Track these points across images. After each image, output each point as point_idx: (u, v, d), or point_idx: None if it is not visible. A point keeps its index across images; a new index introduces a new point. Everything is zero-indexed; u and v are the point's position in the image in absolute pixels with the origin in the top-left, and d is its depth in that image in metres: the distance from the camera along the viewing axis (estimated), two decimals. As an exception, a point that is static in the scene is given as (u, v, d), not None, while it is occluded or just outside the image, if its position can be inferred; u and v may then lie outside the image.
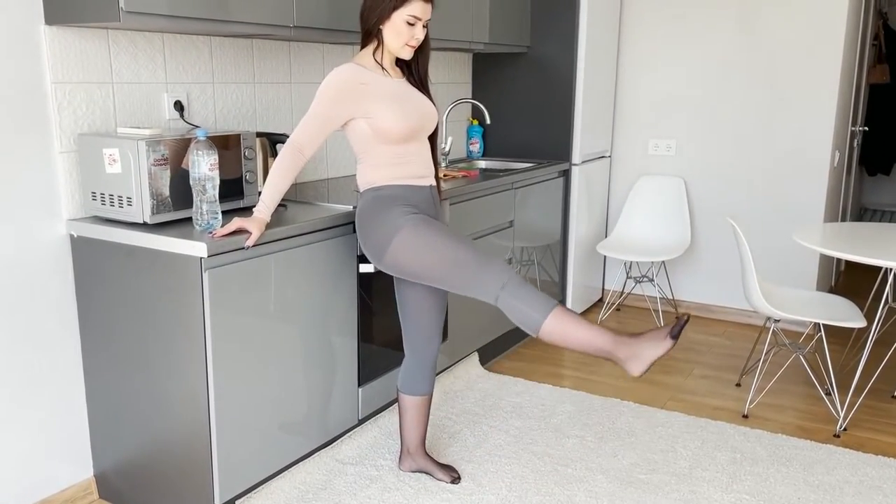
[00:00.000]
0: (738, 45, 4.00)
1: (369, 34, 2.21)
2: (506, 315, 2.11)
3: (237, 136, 2.31)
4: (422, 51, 2.26)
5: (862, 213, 6.83)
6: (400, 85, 2.23)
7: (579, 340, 2.06)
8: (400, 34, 2.15)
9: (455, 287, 2.13)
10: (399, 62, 2.29)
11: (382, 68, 2.21)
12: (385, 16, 2.14)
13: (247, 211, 2.31)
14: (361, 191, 2.27)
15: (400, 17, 2.13)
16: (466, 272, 2.10)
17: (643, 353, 2.03)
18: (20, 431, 2.20)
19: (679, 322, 1.99)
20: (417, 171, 2.25)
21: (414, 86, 2.28)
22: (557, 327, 2.05)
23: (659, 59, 4.22)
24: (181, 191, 2.15)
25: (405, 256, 2.15)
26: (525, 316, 2.07)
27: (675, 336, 2.01)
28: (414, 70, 2.29)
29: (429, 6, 2.17)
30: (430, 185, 2.30)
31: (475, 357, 3.43)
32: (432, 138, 2.35)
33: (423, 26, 2.18)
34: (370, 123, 2.16)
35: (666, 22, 4.16)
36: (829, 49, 3.78)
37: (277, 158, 2.13)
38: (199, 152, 2.04)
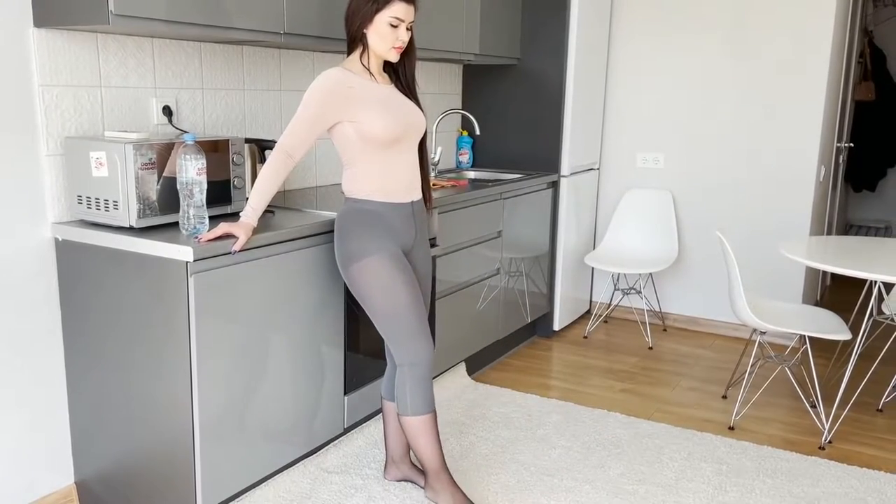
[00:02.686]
0: (726, 60, 4.04)
1: (354, 39, 2.22)
2: (395, 382, 2.32)
3: (225, 142, 2.30)
4: (408, 55, 2.27)
5: (847, 228, 6.88)
6: (388, 90, 2.23)
7: (420, 450, 2.29)
8: (384, 37, 2.16)
9: (381, 331, 2.28)
10: (387, 68, 2.30)
11: (370, 73, 2.22)
12: (368, 19, 2.15)
13: (234, 216, 2.30)
14: (346, 196, 2.27)
15: (382, 19, 2.14)
16: (395, 331, 2.24)
17: (440, 497, 2.32)
18: (0, 437, 2.17)
19: None
20: (402, 181, 2.25)
21: (402, 92, 2.29)
22: (418, 429, 2.27)
23: (648, 73, 4.25)
24: (168, 195, 2.14)
25: (360, 281, 2.22)
26: (404, 398, 2.26)
27: None
28: (401, 75, 2.29)
29: (411, 8, 2.17)
30: (412, 201, 2.30)
31: (462, 367, 3.42)
32: (421, 148, 2.35)
33: (407, 28, 2.19)
34: (356, 128, 2.16)
35: (655, 37, 4.20)
36: (815, 65, 3.83)
37: (266, 163, 2.13)
38: (187, 156, 2.03)
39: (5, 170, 2.09)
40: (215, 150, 2.27)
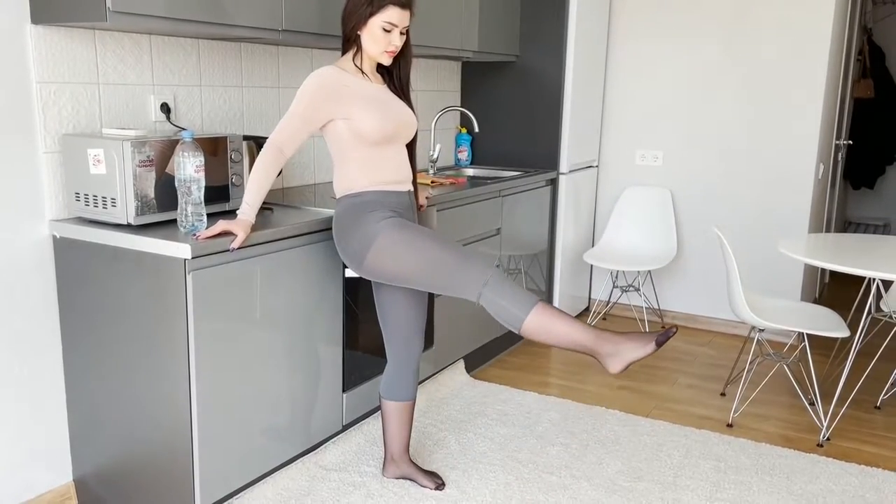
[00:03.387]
0: (725, 57, 4.04)
1: (349, 40, 2.22)
2: (488, 312, 2.10)
3: (224, 139, 2.30)
4: (403, 57, 2.27)
5: (846, 226, 6.89)
6: (380, 90, 2.23)
7: (561, 336, 2.05)
8: (377, 41, 2.16)
9: (437, 287, 2.13)
10: (380, 68, 2.30)
11: (363, 73, 2.22)
12: (362, 22, 2.15)
13: (232, 214, 2.30)
14: (338, 196, 2.27)
15: (376, 23, 2.14)
16: (448, 271, 2.09)
17: (624, 353, 2.04)
18: (-2, 434, 2.17)
19: (667, 331, 2.00)
20: (394, 176, 2.25)
21: (394, 93, 2.29)
22: (539, 323, 2.04)
23: (647, 70, 4.25)
24: (166, 192, 2.14)
25: (385, 261, 2.14)
26: (507, 313, 2.06)
27: (660, 343, 2.02)
28: (395, 77, 2.29)
29: (406, 13, 2.17)
30: (408, 191, 2.30)
31: (461, 364, 3.42)
32: (410, 146, 2.36)
33: (402, 33, 2.19)
34: (349, 125, 2.16)
35: (654, 34, 4.19)
36: (814, 63, 3.83)
37: (257, 159, 2.13)
38: (185, 154, 2.03)
39: (3, 167, 2.08)
40: (213, 148, 2.27)
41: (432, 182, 3.36)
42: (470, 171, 4.03)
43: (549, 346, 2.06)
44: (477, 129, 3.82)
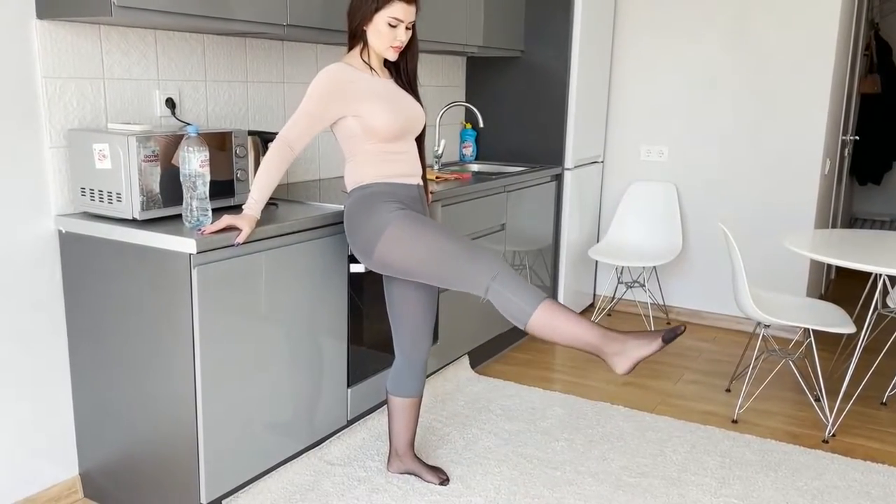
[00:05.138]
0: (730, 52, 4.02)
1: (354, 35, 2.22)
2: (496, 307, 2.09)
3: (229, 134, 2.30)
4: (409, 52, 2.27)
5: (852, 222, 6.86)
6: (388, 85, 2.23)
7: (567, 334, 2.03)
8: (382, 36, 2.16)
9: (446, 281, 2.12)
10: (387, 63, 2.30)
11: (371, 68, 2.22)
12: (367, 17, 2.15)
13: (237, 209, 2.30)
14: (349, 190, 2.27)
15: (381, 18, 2.14)
16: (457, 265, 2.08)
17: (630, 351, 2.00)
18: (4, 429, 2.18)
19: (675, 329, 1.98)
20: (405, 169, 2.26)
21: (402, 87, 2.29)
22: (546, 320, 2.02)
23: (652, 65, 4.23)
24: (171, 187, 2.14)
25: (394, 253, 2.14)
26: (515, 308, 2.04)
27: (667, 340, 1.98)
28: (402, 71, 2.29)
29: (411, 8, 2.17)
30: (418, 184, 2.31)
31: (465, 360, 3.42)
32: (419, 139, 2.36)
33: (407, 28, 2.19)
34: (360, 122, 2.16)
35: (659, 29, 4.18)
36: (820, 58, 3.81)
37: (266, 155, 2.13)
38: (190, 149, 2.03)
39: (8, 162, 2.09)
40: (218, 143, 2.27)
41: (437, 177, 3.36)
42: (475, 167, 4.03)
43: (554, 343, 2.02)
44: (482, 125, 3.81)
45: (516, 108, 4.04)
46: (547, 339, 2.06)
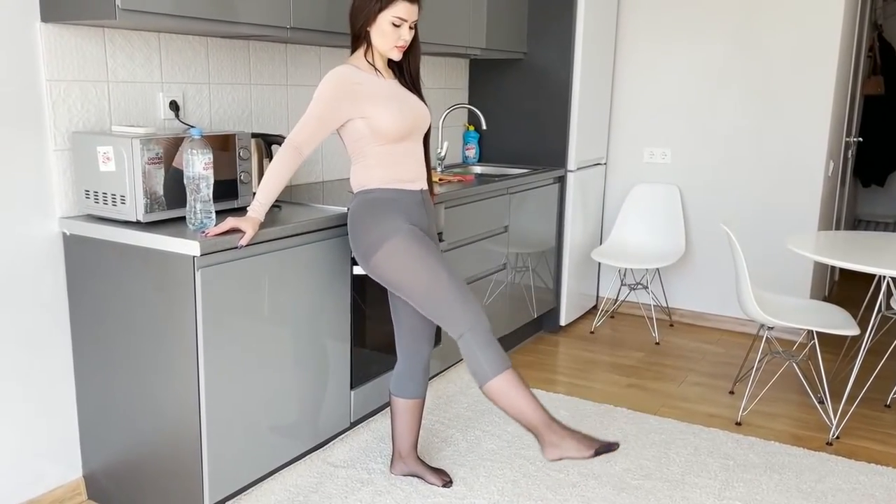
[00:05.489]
0: (733, 54, 4.02)
1: (358, 37, 2.23)
2: (462, 355, 2.17)
3: (232, 137, 2.30)
4: (412, 52, 2.27)
5: (856, 223, 6.85)
6: (393, 86, 2.24)
7: (517, 408, 2.11)
8: (386, 36, 2.17)
9: (426, 310, 2.17)
10: (391, 64, 2.30)
11: (375, 69, 2.22)
12: (371, 18, 2.16)
13: (241, 211, 2.31)
14: (354, 191, 2.28)
15: (385, 18, 2.15)
16: (442, 301, 2.13)
17: (564, 448, 2.09)
18: (9, 430, 2.18)
19: (610, 445, 2.08)
20: (410, 172, 2.26)
21: (406, 87, 2.30)
22: (503, 389, 2.10)
23: (655, 67, 4.23)
24: (175, 190, 2.15)
25: (389, 266, 2.17)
26: (478, 366, 2.11)
27: (598, 454, 2.09)
28: (405, 71, 2.30)
29: (414, 7, 2.18)
30: (422, 189, 2.31)
31: (469, 362, 3.42)
32: (426, 140, 2.36)
33: (410, 28, 2.19)
34: (367, 123, 2.17)
35: (662, 31, 4.18)
36: (823, 60, 3.80)
37: (274, 158, 2.13)
38: (194, 151, 2.04)
39: (13, 164, 2.10)
40: (222, 145, 2.27)
41: (440, 179, 3.36)
42: (477, 169, 4.03)
43: (501, 409, 2.18)
44: (485, 127, 3.81)
45: (519, 110, 4.04)
46: (497, 405, 2.14)
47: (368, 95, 2.16)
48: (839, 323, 2.93)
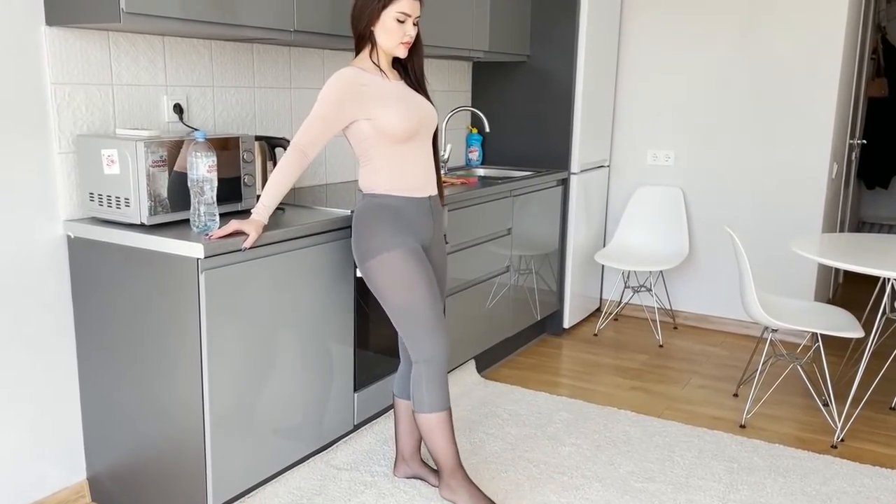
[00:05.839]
0: (737, 56, 4.02)
1: (362, 38, 2.23)
2: (410, 379, 2.34)
3: (236, 139, 2.31)
4: (415, 50, 2.28)
5: (860, 226, 6.84)
6: (399, 86, 2.24)
7: (435, 446, 2.29)
8: (391, 33, 2.17)
9: (397, 326, 2.27)
10: (395, 65, 2.30)
11: (381, 70, 2.22)
12: (375, 16, 2.16)
13: (245, 214, 2.31)
14: (364, 192, 2.28)
15: (389, 15, 2.15)
16: (413, 325, 2.23)
17: (459, 495, 2.32)
18: (13, 432, 2.19)
19: None
20: (418, 178, 2.26)
21: (411, 87, 2.30)
22: (432, 426, 2.27)
23: (658, 69, 4.23)
24: (179, 192, 2.15)
25: (378, 275, 2.22)
26: (420, 394, 2.25)
27: None
28: (410, 71, 2.30)
29: (417, 3, 2.18)
30: (430, 196, 2.31)
31: (472, 365, 3.42)
32: (434, 142, 2.36)
33: (414, 24, 2.20)
34: (373, 124, 2.17)
35: (666, 33, 4.18)
36: (827, 62, 3.80)
37: (280, 161, 2.13)
38: (198, 154, 2.04)
39: (18, 167, 2.10)
40: (226, 148, 2.28)
41: (444, 182, 3.36)
42: (481, 171, 4.03)
43: (423, 439, 2.36)
44: (488, 129, 3.82)
45: (522, 112, 4.04)
46: (421, 434, 2.32)
47: (375, 97, 2.16)
48: (843, 325, 2.93)
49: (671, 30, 4.16)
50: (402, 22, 2.16)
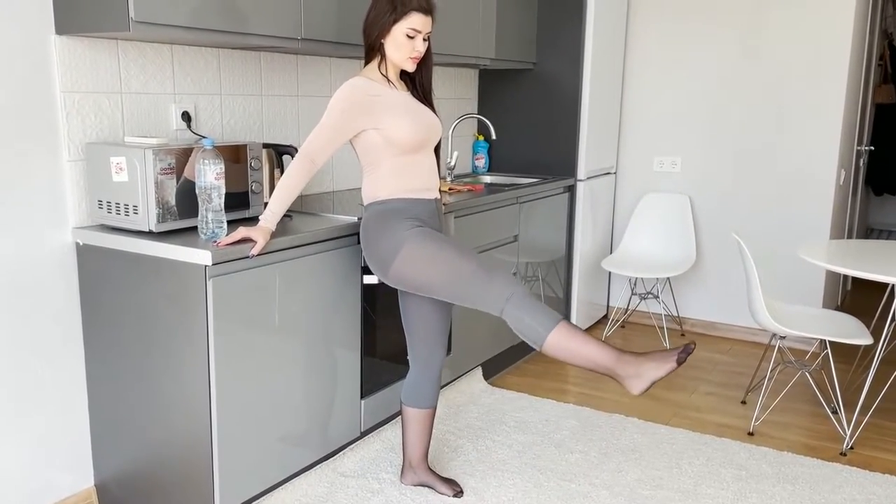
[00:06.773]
0: (744, 63, 4.02)
1: (372, 49, 2.24)
2: (510, 327, 2.11)
3: (244, 147, 2.32)
4: (424, 64, 2.28)
5: (868, 232, 6.81)
6: (406, 98, 2.25)
7: (582, 356, 2.06)
8: (401, 47, 2.18)
9: (460, 299, 2.14)
10: (403, 76, 2.31)
11: (389, 81, 2.24)
12: (386, 30, 2.17)
13: (252, 221, 2.32)
14: (366, 203, 2.28)
15: (400, 30, 2.16)
16: (472, 285, 2.11)
17: (645, 373, 2.03)
18: (21, 439, 2.19)
19: (686, 347, 2.00)
20: (423, 182, 2.27)
21: (418, 99, 2.31)
22: (561, 342, 2.05)
23: (665, 76, 4.23)
24: (187, 200, 2.16)
25: (410, 270, 2.16)
26: (530, 329, 2.07)
27: (681, 361, 2.01)
28: (417, 83, 2.31)
29: (428, 19, 2.19)
30: (435, 199, 2.32)
31: (479, 372, 3.41)
32: (436, 151, 2.37)
33: (424, 39, 2.20)
34: (381, 134, 2.17)
35: (672, 39, 4.18)
36: (834, 68, 3.79)
37: (288, 168, 2.14)
38: (206, 161, 2.05)
39: (28, 175, 2.12)
40: (233, 156, 2.29)
41: (450, 189, 3.37)
42: (487, 178, 4.04)
43: (568, 364, 2.09)
44: (494, 137, 3.82)
45: (529, 119, 4.05)
46: (561, 360, 2.08)
47: (384, 107, 2.17)
48: (852, 332, 2.91)
49: (677, 37, 4.16)
50: (412, 37, 2.17)
